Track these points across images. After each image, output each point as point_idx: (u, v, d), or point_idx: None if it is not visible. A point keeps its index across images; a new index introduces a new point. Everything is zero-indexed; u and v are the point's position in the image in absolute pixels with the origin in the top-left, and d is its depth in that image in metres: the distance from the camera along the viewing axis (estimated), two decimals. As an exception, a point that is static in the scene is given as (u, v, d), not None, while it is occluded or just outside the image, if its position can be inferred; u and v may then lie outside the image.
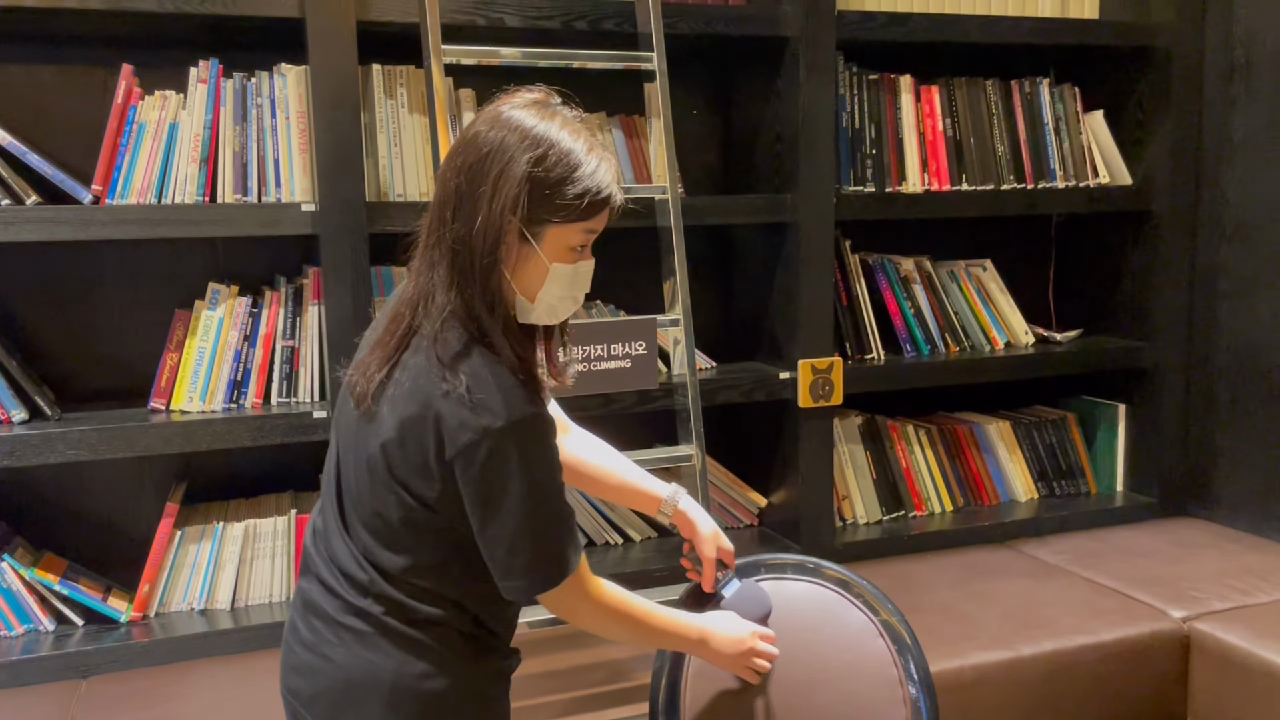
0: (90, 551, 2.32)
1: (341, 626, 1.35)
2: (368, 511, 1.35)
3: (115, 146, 2.10)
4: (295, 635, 1.41)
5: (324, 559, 1.40)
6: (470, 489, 1.28)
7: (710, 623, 1.52)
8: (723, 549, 1.60)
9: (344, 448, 1.40)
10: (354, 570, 1.36)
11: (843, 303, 2.65)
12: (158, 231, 2.08)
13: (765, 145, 2.59)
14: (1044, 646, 2.13)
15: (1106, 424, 2.98)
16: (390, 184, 2.26)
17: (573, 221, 1.30)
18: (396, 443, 1.30)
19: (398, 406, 1.30)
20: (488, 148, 1.28)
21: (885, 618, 1.53)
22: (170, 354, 2.19)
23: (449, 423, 1.26)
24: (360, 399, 1.34)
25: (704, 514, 1.62)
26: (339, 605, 1.36)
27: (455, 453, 1.27)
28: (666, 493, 1.62)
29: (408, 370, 1.31)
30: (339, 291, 2.15)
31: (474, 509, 1.30)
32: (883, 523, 2.74)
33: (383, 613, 1.34)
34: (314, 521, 1.46)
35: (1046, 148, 2.80)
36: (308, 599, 1.41)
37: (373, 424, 1.33)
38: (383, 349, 1.34)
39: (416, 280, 1.34)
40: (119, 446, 2.08)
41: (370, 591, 1.35)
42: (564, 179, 1.27)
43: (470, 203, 1.28)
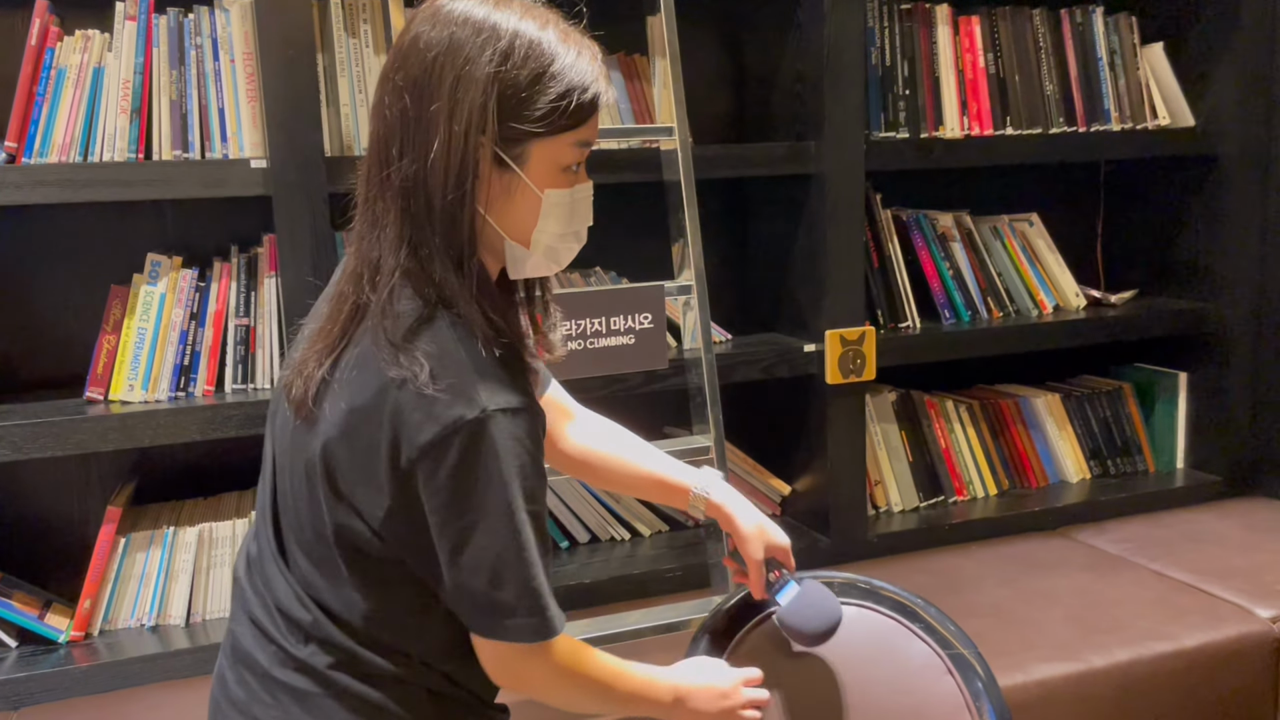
0: (27, 560, 2.05)
1: (277, 684, 1.08)
2: (307, 534, 1.07)
3: (30, 96, 1.80)
4: (224, 690, 1.14)
5: (257, 591, 1.12)
6: (437, 501, 1.00)
7: (687, 678, 1.22)
8: (773, 544, 1.31)
9: (280, 454, 1.12)
10: (293, 608, 1.08)
11: (874, 265, 2.35)
12: (82, 195, 1.79)
13: (784, 87, 2.28)
14: (1118, 656, 1.85)
15: (1165, 395, 2.68)
16: (355, 135, 1.97)
17: (559, 131, 1.02)
18: (341, 440, 1.02)
19: (342, 397, 1.02)
20: (434, 51, 0.99)
21: (956, 650, 1.24)
22: (106, 336, 1.91)
23: (408, 416, 0.98)
24: (298, 404, 1.05)
25: (745, 505, 1.33)
26: (274, 656, 1.09)
27: (416, 455, 0.98)
28: (695, 481, 1.34)
29: (357, 351, 1.03)
30: (297, 261, 1.86)
31: (443, 528, 1.01)
32: (920, 510, 2.46)
33: (329, 665, 1.06)
34: (246, 548, 1.18)
35: (1100, 85, 2.49)
36: (238, 646, 1.13)
37: (313, 424, 1.05)
38: (324, 339, 1.06)
39: (358, 246, 1.06)
40: (48, 444, 1.81)
41: (313, 636, 1.07)
42: (538, 76, 0.99)
43: (422, 128, 0.99)
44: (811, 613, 1.27)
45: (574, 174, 1.06)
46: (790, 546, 1.34)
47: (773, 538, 1.32)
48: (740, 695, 1.22)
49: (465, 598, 1.03)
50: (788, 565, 1.32)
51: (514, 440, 0.99)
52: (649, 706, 1.19)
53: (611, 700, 1.16)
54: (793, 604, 1.27)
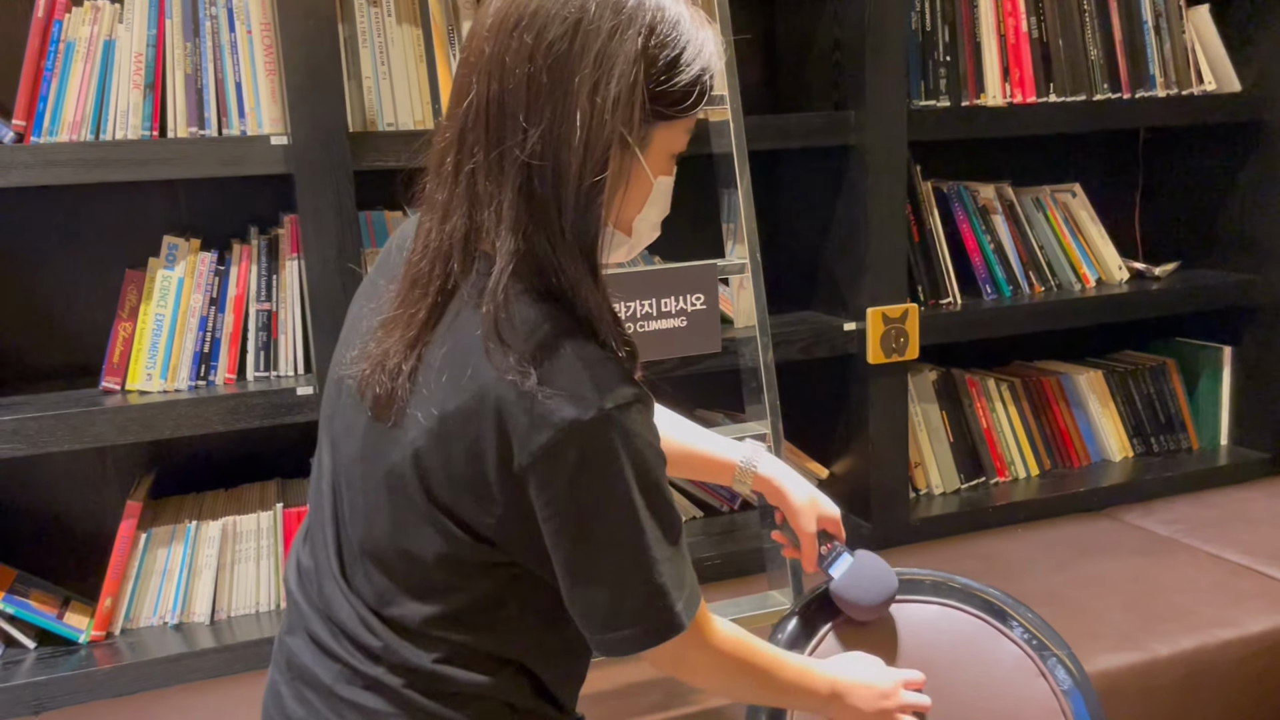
0: (44, 558, 1.98)
1: (343, 702, 0.99)
2: (385, 549, 0.98)
3: (38, 71, 1.71)
4: (279, 707, 1.05)
5: (314, 605, 1.04)
6: (553, 510, 0.91)
7: (846, 673, 1.14)
8: (824, 516, 1.25)
9: (347, 461, 1.02)
10: (359, 633, 1.00)
11: (914, 239, 2.27)
12: (95, 175, 1.70)
13: (820, 55, 2.19)
14: (1182, 644, 1.78)
15: (1210, 370, 2.60)
16: (378, 110, 1.87)
17: (683, 116, 0.95)
18: (435, 449, 0.92)
19: (435, 398, 0.92)
20: (576, 14, 0.88)
21: (1052, 652, 1.17)
22: (122, 323, 1.83)
23: (517, 418, 0.89)
24: (381, 405, 0.95)
25: (793, 476, 1.26)
26: (340, 674, 1.00)
27: (529, 460, 0.89)
28: (741, 455, 1.27)
29: (449, 348, 0.93)
30: (321, 242, 1.78)
31: (559, 538, 0.92)
32: (961, 492, 2.38)
33: (402, 685, 0.98)
34: (297, 556, 1.09)
35: (1145, 49, 2.39)
36: (295, 662, 1.04)
37: (397, 428, 0.95)
38: (405, 326, 0.95)
39: (447, 221, 0.94)
40: (63, 438, 1.73)
41: (384, 660, 0.99)
42: (678, 57, 0.91)
43: (557, 99, 0.89)
44: (867, 584, 1.21)
45: (674, 161, 1.00)
46: (840, 517, 1.28)
47: (824, 509, 1.26)
48: (900, 697, 1.15)
49: (584, 610, 0.96)
50: (838, 536, 1.27)
51: (632, 436, 0.91)
52: (805, 697, 1.12)
53: (770, 688, 1.10)
54: (846, 575, 1.22)
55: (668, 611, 0.95)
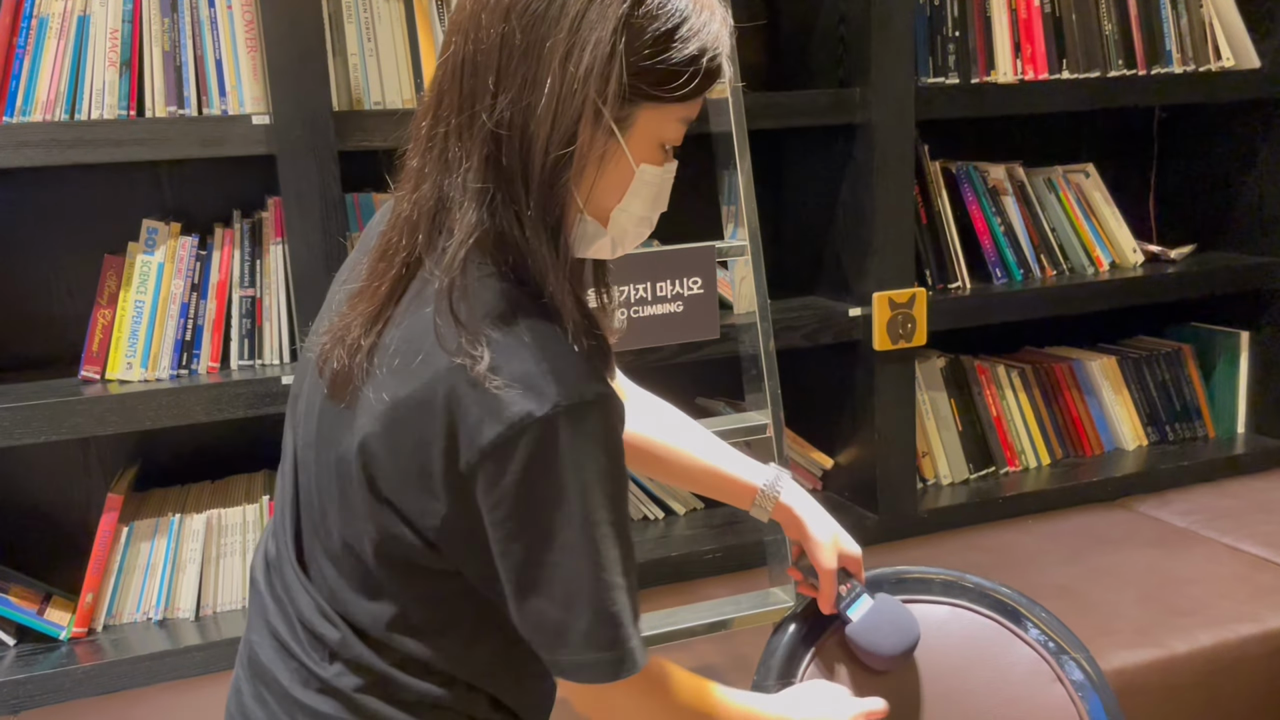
0: (25, 550, 1.93)
1: (297, 705, 0.94)
2: (335, 542, 0.92)
3: (10, 49, 1.65)
4: (239, 705, 1.00)
5: (278, 601, 0.98)
6: (502, 514, 0.84)
7: (795, 709, 1.05)
8: (845, 554, 1.16)
9: (304, 444, 0.96)
10: (317, 623, 0.94)
11: (921, 221, 2.19)
12: (70, 156, 1.63)
13: (825, 30, 2.11)
14: (1201, 640, 1.71)
15: (1226, 356, 2.53)
16: (364, 88, 1.81)
17: (674, 101, 0.86)
18: (382, 438, 0.86)
19: (388, 382, 0.86)
20: None
21: (1072, 655, 1.10)
22: (101, 310, 1.77)
23: (467, 411, 0.82)
24: (338, 382, 0.89)
25: (817, 510, 1.17)
26: (296, 673, 0.95)
27: (476, 458, 0.82)
28: (763, 480, 1.18)
29: (405, 328, 0.87)
30: (305, 226, 1.71)
31: (507, 545, 0.85)
32: (970, 482, 2.31)
33: (356, 688, 0.92)
34: (264, 546, 1.03)
35: (1162, 25, 2.31)
36: (255, 659, 0.99)
37: (350, 410, 0.89)
38: (369, 300, 0.89)
39: (418, 189, 0.88)
40: (40, 428, 1.67)
41: (340, 655, 0.93)
42: (670, 31, 0.83)
43: (530, 63, 0.82)
44: (887, 631, 1.13)
45: (667, 153, 0.91)
46: (862, 558, 1.19)
47: (846, 547, 1.17)
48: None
49: (530, 626, 0.89)
50: (858, 577, 1.18)
51: (592, 439, 0.83)
52: None
53: None
54: (865, 620, 1.13)
55: (622, 645, 0.87)
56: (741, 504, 1.19)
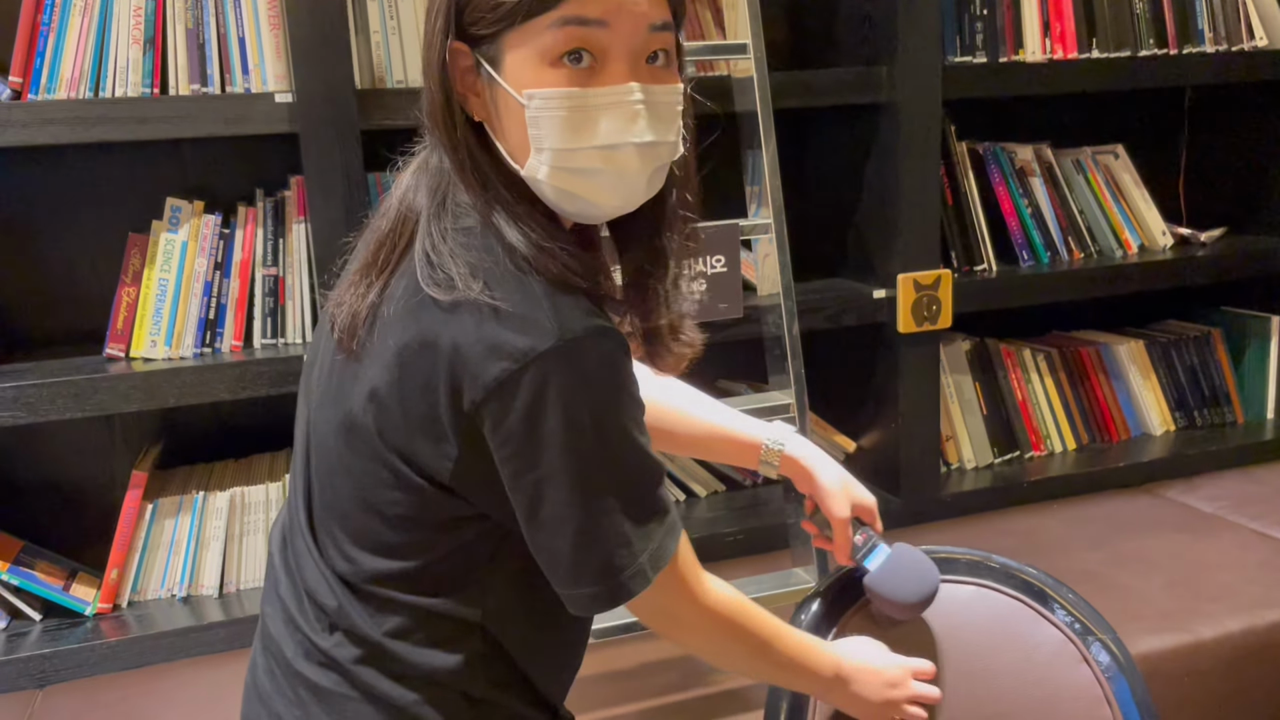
0: (50, 527, 1.94)
1: (299, 678, 0.94)
2: (344, 499, 0.92)
3: (34, 26, 1.65)
4: (252, 676, 1.01)
5: (289, 568, 0.98)
6: (509, 451, 0.83)
7: (853, 656, 1.06)
8: (859, 503, 1.15)
9: (315, 408, 0.96)
10: (319, 590, 0.94)
11: (947, 202, 2.17)
12: (94, 133, 1.64)
13: (850, 8, 2.09)
14: (1229, 626, 1.69)
15: (1257, 340, 2.49)
16: (386, 66, 1.80)
17: (530, 15, 0.81)
18: (390, 386, 0.86)
19: (393, 329, 0.86)
20: None
21: (1096, 636, 1.09)
22: (126, 288, 1.77)
23: (469, 350, 0.82)
24: (345, 332, 0.90)
25: (824, 458, 1.16)
26: (299, 645, 0.95)
27: (481, 396, 0.82)
28: (768, 435, 1.17)
29: (409, 277, 0.87)
30: (327, 204, 1.71)
31: (515, 480, 0.85)
32: (994, 467, 2.30)
33: (354, 660, 0.92)
34: (281, 519, 1.04)
35: (1194, 3, 2.27)
36: (266, 630, 1.00)
37: (358, 362, 0.89)
38: (374, 254, 0.91)
39: (431, 156, 0.92)
40: (66, 405, 1.68)
41: (338, 624, 0.93)
42: None
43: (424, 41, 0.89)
44: (905, 578, 1.11)
45: (582, 72, 0.83)
46: (876, 505, 1.18)
47: (858, 495, 1.16)
48: (909, 688, 1.07)
49: (547, 560, 0.88)
50: (874, 526, 1.17)
51: (593, 372, 0.83)
52: (807, 677, 1.03)
53: (768, 660, 1.00)
54: (883, 569, 1.12)
55: (630, 567, 0.87)
56: (748, 462, 1.18)
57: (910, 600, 1.11)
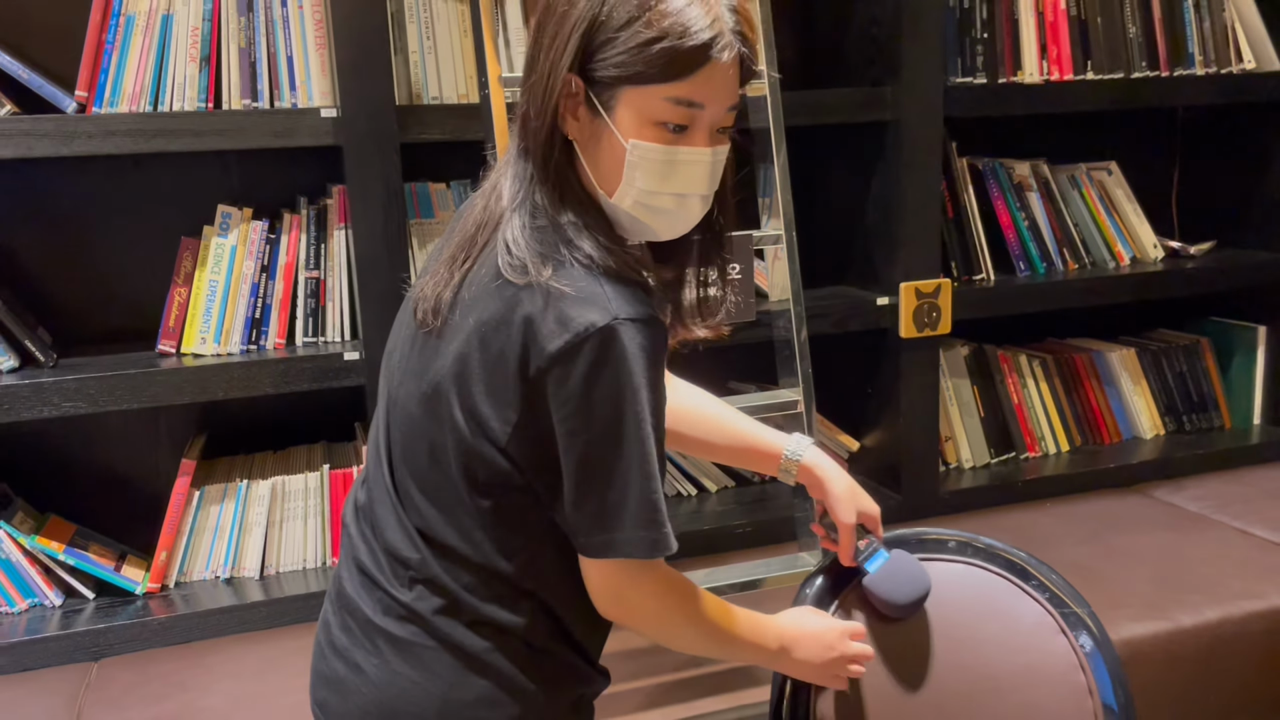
0: (102, 513, 2.06)
1: (379, 631, 1.06)
2: (423, 463, 1.05)
3: (100, 44, 1.78)
4: (326, 635, 1.13)
5: (364, 537, 1.11)
6: (567, 410, 0.97)
7: (793, 625, 1.19)
8: (864, 511, 1.27)
9: (395, 386, 1.09)
10: (401, 546, 1.06)
11: (948, 215, 2.29)
12: (153, 144, 1.76)
13: (857, 30, 2.21)
14: (1206, 615, 1.80)
15: (1243, 349, 2.61)
16: (423, 84, 1.93)
17: (649, 82, 0.96)
18: (469, 356, 1.00)
19: (474, 308, 1.01)
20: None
21: (1070, 609, 1.21)
22: (178, 289, 1.90)
23: (539, 324, 0.96)
24: (428, 313, 1.04)
25: (837, 469, 1.29)
26: (379, 601, 1.07)
27: (546, 363, 0.96)
28: (789, 445, 1.29)
29: (488, 265, 1.01)
30: (368, 213, 1.83)
31: (571, 438, 0.98)
32: (991, 466, 2.41)
33: (433, 610, 1.04)
34: (354, 495, 1.16)
35: (1185, 28, 2.39)
36: (341, 591, 1.12)
37: (442, 341, 1.03)
38: (457, 251, 1.05)
39: (500, 166, 1.07)
40: (123, 397, 1.80)
41: (420, 577, 1.05)
42: (633, 18, 0.95)
43: (533, 56, 1.01)
44: (900, 581, 1.23)
45: (675, 134, 0.98)
46: (880, 515, 1.30)
47: (864, 504, 1.29)
48: (846, 647, 1.19)
49: (585, 512, 1.00)
50: (876, 534, 1.29)
51: (643, 350, 0.96)
52: (754, 652, 1.16)
53: (718, 640, 1.13)
54: (882, 572, 1.24)
55: (658, 528, 1.00)
56: (768, 469, 1.31)
57: (902, 601, 1.24)
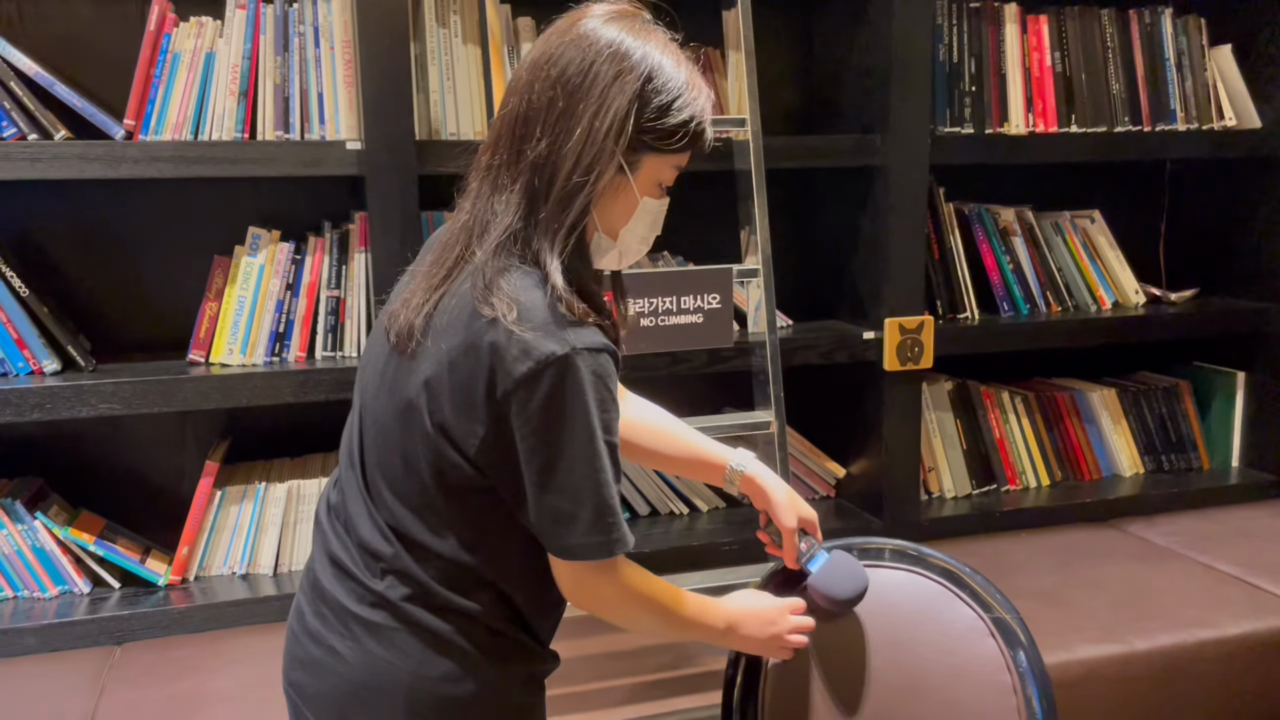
0: (129, 509, 2.21)
1: (353, 617, 1.19)
2: (398, 470, 1.18)
3: (148, 78, 1.95)
4: (300, 623, 1.25)
5: (338, 533, 1.24)
6: (528, 429, 1.10)
7: (738, 605, 1.33)
8: (803, 517, 1.41)
9: (370, 398, 1.22)
10: (374, 541, 1.19)
11: (934, 256, 2.42)
12: (193, 170, 1.93)
13: (852, 81, 2.36)
14: (1160, 640, 1.90)
15: (1223, 394, 2.71)
16: (442, 121, 2.08)
17: (670, 153, 1.18)
18: (443, 377, 1.12)
19: (445, 335, 1.13)
20: (594, 59, 1.13)
21: (998, 614, 1.32)
22: (209, 303, 2.05)
23: (505, 351, 1.09)
24: (401, 337, 1.17)
25: (777, 479, 1.42)
26: (351, 590, 1.20)
27: (511, 386, 1.09)
28: (733, 458, 1.43)
29: (458, 297, 1.14)
30: (386, 238, 1.98)
31: (532, 453, 1.11)
32: (972, 497, 2.52)
33: (403, 598, 1.17)
34: (327, 495, 1.29)
35: (1167, 85, 2.52)
36: (315, 582, 1.24)
37: (414, 361, 1.15)
38: (430, 279, 1.18)
39: (474, 204, 1.18)
40: (155, 400, 1.95)
41: (391, 568, 1.18)
42: (668, 105, 1.15)
43: (567, 117, 1.13)
44: (841, 579, 1.35)
45: (663, 190, 1.21)
46: (817, 519, 1.44)
47: (804, 510, 1.42)
48: (787, 622, 1.32)
49: (546, 518, 1.14)
50: (815, 536, 1.42)
51: (596, 376, 1.11)
52: (703, 631, 1.29)
53: (671, 622, 1.26)
54: (823, 572, 1.37)
55: (613, 531, 1.13)
56: (714, 480, 1.45)
57: (843, 597, 1.36)
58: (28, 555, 1.99)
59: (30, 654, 1.91)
